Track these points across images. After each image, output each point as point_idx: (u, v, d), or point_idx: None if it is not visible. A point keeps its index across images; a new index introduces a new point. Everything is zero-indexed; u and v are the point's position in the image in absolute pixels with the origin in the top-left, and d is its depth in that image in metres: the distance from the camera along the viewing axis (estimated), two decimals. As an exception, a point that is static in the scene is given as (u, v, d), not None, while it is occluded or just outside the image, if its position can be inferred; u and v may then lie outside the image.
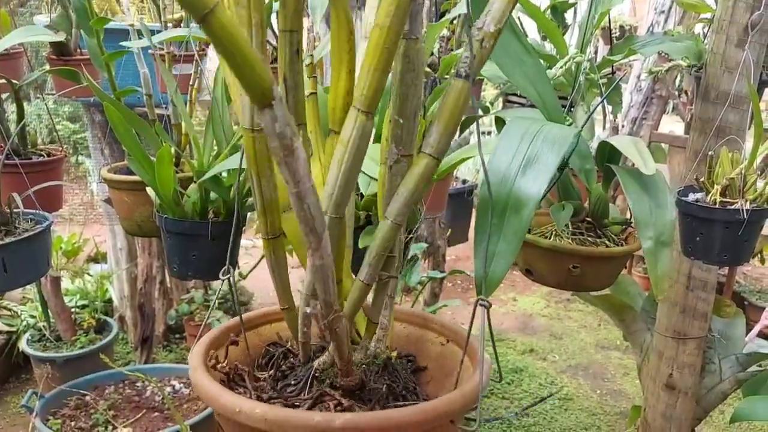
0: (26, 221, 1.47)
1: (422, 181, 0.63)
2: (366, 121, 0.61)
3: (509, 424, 2.78)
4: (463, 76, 0.59)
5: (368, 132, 0.61)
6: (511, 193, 0.79)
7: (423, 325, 0.85)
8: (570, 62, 1.30)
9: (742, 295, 3.56)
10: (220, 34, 0.46)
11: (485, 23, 0.58)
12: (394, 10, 0.56)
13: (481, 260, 0.74)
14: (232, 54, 0.48)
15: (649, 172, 0.97)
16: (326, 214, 0.64)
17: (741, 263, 1.31)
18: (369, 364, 0.74)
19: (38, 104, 4.02)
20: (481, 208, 0.79)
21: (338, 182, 0.63)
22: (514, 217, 0.77)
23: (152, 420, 2.14)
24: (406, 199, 0.64)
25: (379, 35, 0.57)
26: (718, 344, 1.79)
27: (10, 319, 2.95)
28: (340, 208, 0.65)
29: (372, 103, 0.60)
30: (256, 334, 0.83)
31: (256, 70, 0.48)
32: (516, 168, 0.82)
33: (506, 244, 0.75)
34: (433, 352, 0.82)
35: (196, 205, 1.32)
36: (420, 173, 0.63)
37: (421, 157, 0.63)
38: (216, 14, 0.46)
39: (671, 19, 2.53)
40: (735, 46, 1.39)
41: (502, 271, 0.75)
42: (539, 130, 0.88)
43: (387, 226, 0.65)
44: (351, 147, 0.61)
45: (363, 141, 0.61)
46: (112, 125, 1.28)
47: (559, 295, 4.09)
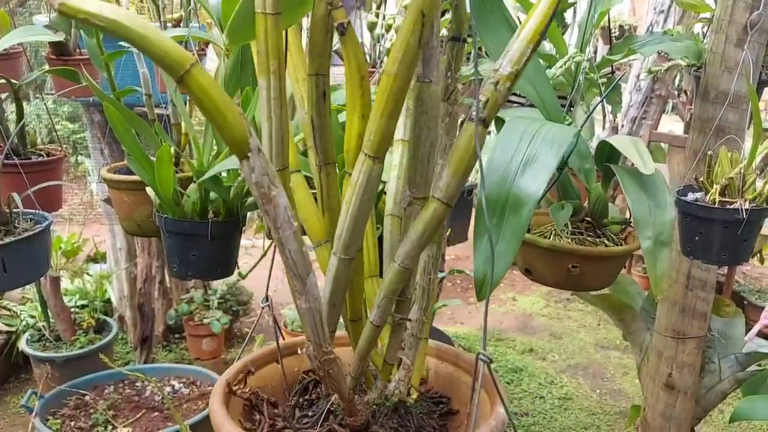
0: (26, 221, 1.47)
1: (431, 226, 0.63)
2: (373, 165, 0.61)
3: (508, 424, 2.78)
4: (475, 120, 0.58)
5: (375, 176, 0.62)
6: (510, 193, 0.79)
7: (456, 365, 0.84)
8: (569, 62, 1.30)
9: (742, 294, 3.56)
10: (197, 93, 0.49)
11: (501, 65, 0.57)
12: (401, 57, 0.57)
13: (481, 261, 0.74)
14: (209, 111, 0.50)
15: (648, 172, 0.97)
16: (335, 255, 0.65)
17: (740, 263, 1.31)
18: (379, 405, 0.73)
19: (38, 104, 4.02)
20: (479, 208, 0.79)
21: (346, 224, 0.64)
22: (514, 216, 0.77)
23: (152, 420, 2.14)
24: (414, 243, 0.63)
25: (386, 82, 0.58)
26: (717, 344, 1.79)
27: (10, 319, 2.94)
28: (349, 249, 0.65)
29: (379, 149, 0.61)
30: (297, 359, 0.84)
31: (232, 125, 0.50)
32: (515, 167, 0.82)
33: (505, 244, 0.75)
34: (466, 396, 0.80)
35: (195, 205, 1.32)
36: (429, 218, 0.63)
37: (430, 202, 0.63)
38: (192, 74, 0.48)
39: (671, 19, 2.53)
40: (734, 45, 1.39)
41: (501, 271, 0.75)
42: (538, 130, 0.88)
43: (395, 269, 0.65)
44: (358, 190, 0.62)
45: (370, 185, 0.62)
46: (111, 125, 1.28)
47: (559, 295, 4.09)
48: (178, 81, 0.48)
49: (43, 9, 2.22)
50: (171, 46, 0.48)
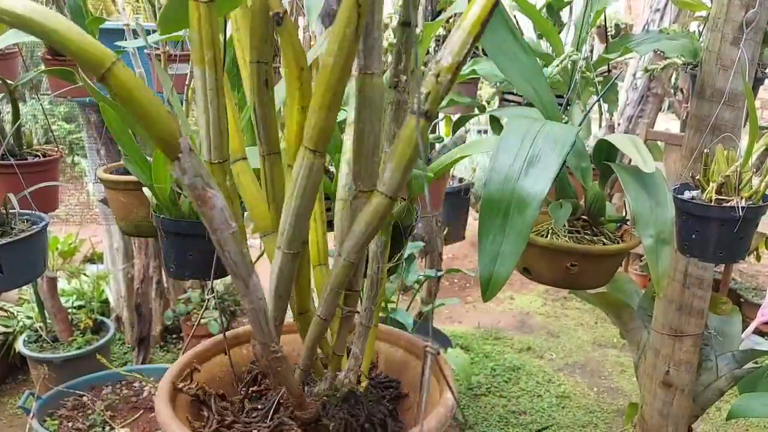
0: (22, 222, 1.47)
1: (375, 219, 0.61)
2: (314, 159, 0.60)
3: (507, 422, 2.78)
4: (417, 113, 0.56)
5: (317, 170, 0.61)
6: (515, 193, 0.78)
7: (410, 350, 0.84)
8: (566, 60, 1.30)
9: (738, 292, 3.57)
10: (120, 91, 0.46)
11: (443, 56, 0.55)
12: (337, 48, 0.55)
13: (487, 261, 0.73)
14: (136, 110, 0.48)
15: (649, 171, 0.97)
16: (279, 250, 0.64)
17: (737, 260, 1.31)
18: (329, 396, 0.73)
19: (34, 104, 4.01)
20: (484, 208, 0.79)
21: (288, 219, 0.62)
22: (518, 217, 0.76)
23: (150, 420, 2.14)
24: (358, 237, 0.62)
25: (324, 74, 0.56)
26: (714, 341, 1.80)
27: (7, 320, 2.94)
28: (293, 244, 0.64)
29: (320, 142, 0.59)
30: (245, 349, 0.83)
31: (161, 125, 0.48)
32: (518, 168, 0.81)
33: (510, 244, 0.75)
34: (416, 379, 0.80)
35: (192, 205, 1.32)
36: (372, 211, 0.61)
37: (374, 195, 0.61)
38: (114, 72, 0.45)
39: (667, 17, 2.54)
40: (730, 43, 1.40)
41: (506, 272, 0.74)
42: (540, 130, 0.88)
43: (340, 264, 0.64)
44: (299, 185, 0.61)
45: (311, 179, 0.61)
46: (108, 125, 1.28)
47: (556, 294, 4.10)
48: (99, 80, 0.45)
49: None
50: (89, 42, 0.45)
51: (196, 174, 0.50)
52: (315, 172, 0.61)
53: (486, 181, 0.81)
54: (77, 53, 0.45)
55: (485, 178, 0.82)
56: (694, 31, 1.70)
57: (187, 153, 0.50)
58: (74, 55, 0.45)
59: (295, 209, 0.62)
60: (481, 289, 0.77)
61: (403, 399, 0.79)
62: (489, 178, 0.81)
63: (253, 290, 0.58)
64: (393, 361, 0.84)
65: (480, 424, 2.76)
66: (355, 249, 0.63)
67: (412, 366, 0.82)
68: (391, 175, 0.59)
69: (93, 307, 2.88)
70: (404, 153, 0.58)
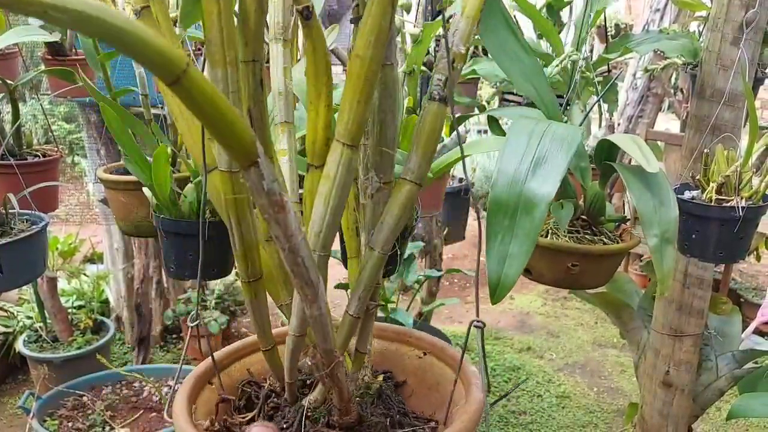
0: (22, 222, 1.47)
1: (406, 208, 0.61)
2: (352, 155, 0.59)
3: (507, 422, 2.78)
4: (438, 99, 0.58)
5: (355, 166, 0.60)
6: (522, 194, 0.78)
7: (397, 340, 0.83)
8: (566, 60, 1.30)
9: (738, 292, 3.57)
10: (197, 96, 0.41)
11: (455, 44, 0.57)
12: (374, 40, 0.54)
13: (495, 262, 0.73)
14: (211, 117, 0.42)
15: (653, 170, 0.97)
16: (315, 252, 0.62)
17: (737, 260, 1.31)
18: (362, 396, 0.72)
19: (34, 104, 4.01)
20: (491, 210, 0.78)
21: (326, 219, 0.60)
22: (526, 218, 0.76)
23: (150, 420, 2.14)
24: (391, 227, 0.62)
25: (360, 66, 0.55)
26: (714, 341, 1.80)
27: (7, 320, 2.94)
28: (327, 245, 0.62)
29: (356, 136, 0.58)
30: (226, 375, 0.79)
31: (236, 130, 0.44)
32: (525, 169, 0.81)
33: (519, 246, 0.74)
34: (410, 366, 0.80)
35: (192, 205, 1.32)
36: (403, 200, 0.61)
37: (402, 184, 0.61)
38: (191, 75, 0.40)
39: (667, 17, 2.54)
40: (730, 43, 1.40)
41: (515, 274, 0.74)
42: (546, 130, 0.88)
43: (375, 257, 0.63)
44: (338, 183, 0.59)
45: (349, 175, 0.59)
46: (108, 125, 1.28)
47: (556, 293, 4.10)
48: (172, 83, 0.40)
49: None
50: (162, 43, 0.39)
51: (274, 179, 0.47)
52: (353, 167, 0.60)
53: (493, 183, 0.81)
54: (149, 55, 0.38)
55: (492, 179, 0.82)
56: (694, 31, 1.70)
57: (264, 158, 0.47)
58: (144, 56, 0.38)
59: (333, 209, 0.60)
60: (490, 291, 0.76)
61: (402, 387, 0.79)
62: (496, 179, 0.81)
63: (321, 297, 0.57)
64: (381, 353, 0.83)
65: (480, 424, 2.76)
66: (388, 239, 0.62)
67: (404, 353, 0.81)
68: (418, 162, 0.60)
69: (93, 307, 2.88)
70: (430, 139, 0.59)
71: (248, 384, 0.79)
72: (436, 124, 0.58)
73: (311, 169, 0.68)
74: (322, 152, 0.65)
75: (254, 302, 0.70)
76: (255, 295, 0.70)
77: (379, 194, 0.66)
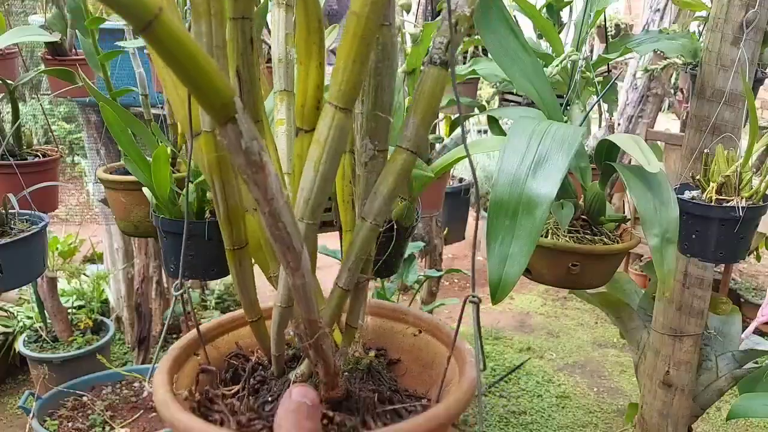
0: (22, 222, 1.47)
1: (401, 178, 0.59)
2: (345, 118, 0.56)
3: (507, 422, 2.78)
4: (438, 63, 0.55)
5: (347, 130, 0.57)
6: (523, 194, 0.78)
7: (391, 317, 0.81)
8: (566, 60, 1.30)
9: (738, 292, 3.57)
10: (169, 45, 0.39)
11: (458, 5, 0.55)
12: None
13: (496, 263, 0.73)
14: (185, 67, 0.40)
15: (654, 170, 0.97)
16: (302, 221, 0.59)
17: (737, 260, 1.31)
18: (351, 371, 0.70)
19: (33, 104, 4.01)
20: (492, 210, 0.78)
21: (316, 185, 0.58)
22: (527, 218, 0.76)
23: (150, 420, 2.14)
24: (385, 197, 0.59)
25: (357, 24, 0.52)
26: (714, 341, 1.80)
27: (7, 320, 2.94)
28: (316, 213, 0.59)
29: (350, 99, 0.55)
30: (213, 348, 0.77)
31: (213, 83, 0.42)
32: (526, 169, 0.81)
33: (519, 246, 0.74)
34: (405, 343, 0.78)
35: (192, 205, 1.32)
36: (399, 169, 0.58)
37: (398, 152, 0.58)
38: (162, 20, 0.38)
39: (666, 17, 2.54)
40: (730, 43, 1.40)
41: (516, 274, 0.74)
42: (546, 130, 0.88)
43: (367, 227, 0.60)
44: (329, 147, 0.56)
45: (341, 140, 0.57)
46: (107, 125, 1.28)
47: (556, 293, 4.10)
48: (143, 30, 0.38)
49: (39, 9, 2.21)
50: None
51: (253, 137, 0.44)
52: (345, 131, 0.56)
53: (493, 183, 0.81)
54: None
55: (493, 179, 0.82)
56: (694, 31, 1.71)
57: (242, 114, 0.44)
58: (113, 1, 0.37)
59: (324, 174, 0.57)
60: (491, 291, 0.76)
61: (396, 365, 0.77)
62: (497, 180, 0.81)
63: (304, 265, 0.53)
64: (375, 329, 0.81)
65: (480, 424, 2.76)
66: (381, 210, 0.60)
67: (398, 331, 0.79)
68: (415, 130, 0.57)
69: (93, 307, 2.88)
70: (429, 105, 0.56)
71: (235, 357, 0.76)
72: (435, 89, 0.55)
73: (300, 133, 0.65)
74: (312, 115, 0.62)
75: (239, 270, 0.68)
76: (239, 262, 0.68)
77: (373, 162, 0.63)
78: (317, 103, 0.61)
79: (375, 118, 0.61)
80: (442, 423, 0.57)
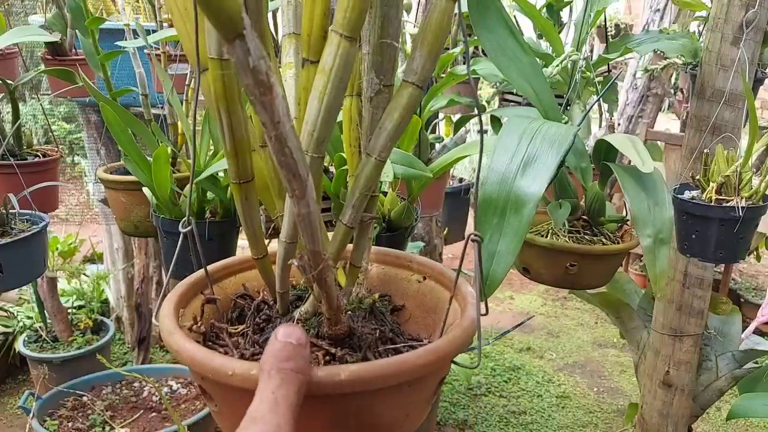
0: (22, 222, 1.47)
1: (407, 113, 0.58)
2: (350, 47, 0.54)
3: (507, 422, 2.78)
4: None
5: (352, 60, 0.55)
6: (511, 193, 0.79)
7: (397, 264, 0.80)
8: (566, 60, 1.30)
9: (738, 292, 3.57)
10: None
11: None
12: None
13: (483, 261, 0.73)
14: None
15: (647, 171, 0.97)
16: (308, 154, 0.58)
17: (737, 260, 1.31)
18: (354, 310, 0.70)
19: (34, 104, 4.01)
20: (481, 207, 0.79)
21: (320, 117, 0.56)
22: (515, 216, 0.76)
23: (150, 420, 2.14)
24: (390, 132, 0.58)
25: None
26: (714, 341, 1.80)
27: (7, 320, 2.94)
28: (321, 146, 0.58)
29: (356, 27, 0.54)
30: (220, 288, 0.77)
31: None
32: (515, 167, 0.82)
33: (507, 243, 0.75)
34: (410, 290, 0.78)
35: (192, 205, 1.32)
36: (405, 103, 0.57)
37: (404, 86, 0.57)
38: None
39: (666, 17, 2.54)
40: (730, 43, 1.40)
41: (503, 271, 0.74)
42: (538, 129, 0.88)
43: (372, 163, 0.60)
44: (334, 77, 0.55)
45: (346, 69, 0.55)
46: (108, 125, 1.28)
47: (556, 294, 4.10)
48: None
49: (39, 9, 2.21)
50: None
51: (261, 56, 0.42)
52: (351, 61, 0.55)
53: (483, 181, 0.81)
54: None
55: (482, 177, 0.82)
56: (694, 31, 1.71)
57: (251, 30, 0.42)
58: None
59: (328, 105, 0.56)
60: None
61: (400, 311, 0.77)
62: (486, 177, 0.82)
63: (309, 193, 0.52)
64: (380, 276, 0.81)
65: (480, 424, 2.76)
66: (386, 146, 0.59)
67: (402, 278, 0.79)
68: (422, 63, 0.56)
69: (93, 307, 2.88)
70: (436, 37, 0.54)
71: (242, 297, 0.77)
72: (443, 21, 0.54)
73: (306, 64, 0.63)
74: (318, 45, 0.60)
75: (245, 205, 0.67)
76: (246, 197, 0.67)
77: (378, 98, 0.62)
78: (323, 33, 0.59)
79: (381, 51, 0.59)
80: (441, 357, 0.56)
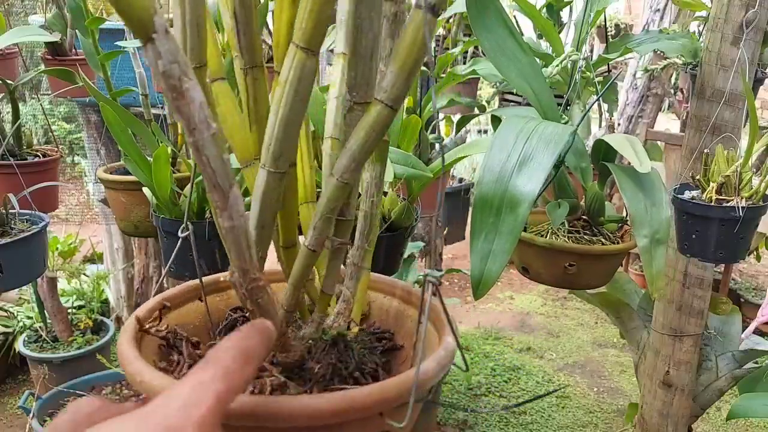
0: (22, 222, 1.47)
1: (375, 132, 0.54)
2: (306, 59, 0.51)
3: (507, 423, 2.78)
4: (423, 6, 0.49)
5: (309, 72, 0.52)
6: (507, 192, 0.79)
7: (406, 300, 0.76)
8: (566, 60, 1.30)
9: (738, 292, 3.57)
10: None
11: None
12: None
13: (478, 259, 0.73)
14: None
15: (644, 171, 0.98)
16: (264, 168, 0.56)
17: (737, 260, 1.31)
18: (316, 340, 0.65)
19: (34, 104, 4.01)
20: (476, 207, 0.79)
21: (276, 130, 0.54)
22: (510, 215, 0.77)
23: (150, 420, 2.14)
24: (354, 154, 0.54)
25: None
26: (714, 341, 1.80)
27: (7, 320, 2.94)
28: (279, 161, 0.55)
29: (312, 38, 0.51)
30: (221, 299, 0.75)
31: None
32: (511, 167, 0.82)
33: (502, 242, 0.75)
34: (412, 329, 0.73)
35: (193, 205, 1.32)
36: (371, 122, 0.54)
37: (373, 105, 0.54)
38: None
39: (666, 17, 2.54)
40: (730, 43, 1.40)
41: (497, 270, 0.75)
42: (534, 129, 0.89)
43: (333, 184, 0.56)
44: (289, 88, 0.52)
45: (303, 82, 0.52)
46: (108, 125, 1.28)
47: (556, 293, 4.10)
48: None
49: (39, 9, 2.21)
50: None
51: (173, 60, 0.42)
52: (307, 74, 0.52)
53: (479, 180, 0.82)
54: None
55: (478, 176, 0.83)
56: (694, 31, 1.71)
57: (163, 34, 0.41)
58: None
59: (284, 118, 0.53)
60: (472, 286, 0.77)
61: (398, 351, 0.72)
62: (482, 177, 0.82)
63: (233, 204, 0.49)
64: (387, 311, 0.77)
65: (480, 425, 2.76)
66: (350, 167, 0.55)
67: (408, 316, 0.75)
68: (393, 79, 0.51)
69: (93, 307, 2.88)
70: (410, 52, 0.50)
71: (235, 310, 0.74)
72: (418, 35, 0.49)
73: (275, 76, 0.60)
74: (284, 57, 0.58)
75: None
76: None
77: (351, 115, 0.58)
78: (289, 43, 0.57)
79: (354, 66, 0.56)
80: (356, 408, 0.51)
